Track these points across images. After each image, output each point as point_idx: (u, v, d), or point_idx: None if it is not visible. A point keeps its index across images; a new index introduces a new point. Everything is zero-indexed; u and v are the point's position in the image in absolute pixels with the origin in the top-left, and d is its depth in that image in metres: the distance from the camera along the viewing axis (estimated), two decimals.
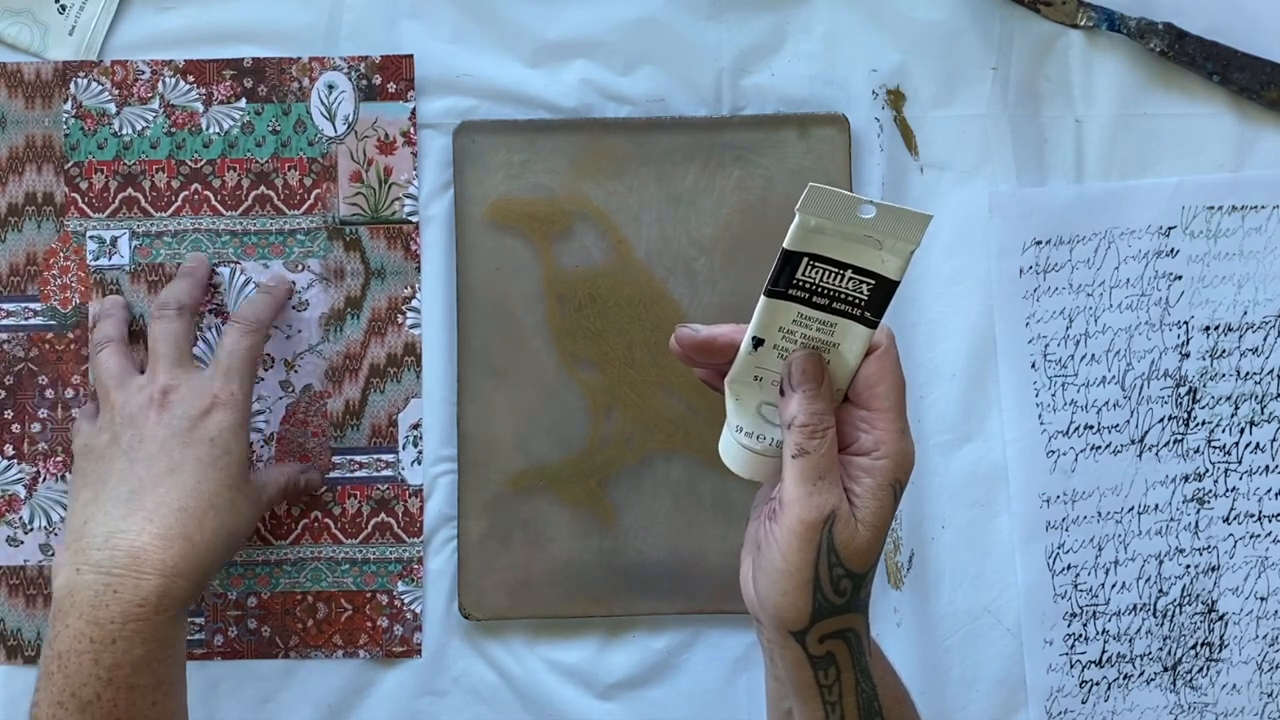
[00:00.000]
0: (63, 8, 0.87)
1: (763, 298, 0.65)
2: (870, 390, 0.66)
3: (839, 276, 0.64)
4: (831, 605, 0.65)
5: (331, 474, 0.87)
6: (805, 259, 0.64)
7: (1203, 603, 0.87)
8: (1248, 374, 0.87)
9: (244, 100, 0.87)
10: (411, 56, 0.88)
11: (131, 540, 0.73)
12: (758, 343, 0.66)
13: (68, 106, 0.87)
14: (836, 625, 0.65)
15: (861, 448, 0.66)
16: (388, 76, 0.87)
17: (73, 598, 0.73)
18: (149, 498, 0.75)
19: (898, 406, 0.66)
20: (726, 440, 0.69)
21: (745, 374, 0.67)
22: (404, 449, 0.87)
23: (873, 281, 0.64)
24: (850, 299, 0.65)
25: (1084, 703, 0.87)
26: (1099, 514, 0.87)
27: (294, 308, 0.87)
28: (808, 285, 0.64)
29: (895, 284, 0.64)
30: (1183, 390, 0.87)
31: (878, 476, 0.65)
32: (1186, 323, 0.87)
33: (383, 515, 0.87)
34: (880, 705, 0.68)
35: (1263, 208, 0.88)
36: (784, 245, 0.64)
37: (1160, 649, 0.87)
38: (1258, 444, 0.87)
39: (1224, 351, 0.87)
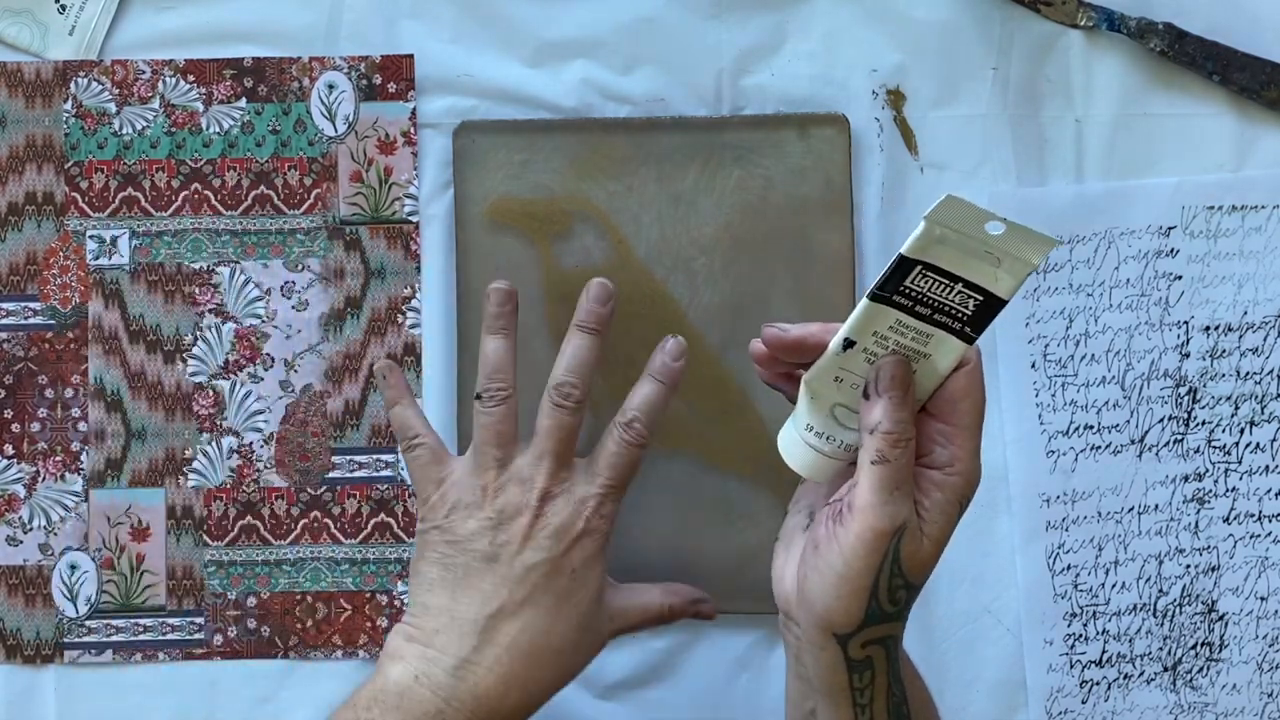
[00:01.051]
0: (63, 8, 0.87)
1: (865, 300, 0.64)
2: (954, 405, 0.65)
3: (948, 289, 0.63)
4: (883, 613, 0.64)
5: (331, 474, 0.87)
6: (919, 267, 0.63)
7: (1203, 603, 0.87)
8: (1248, 374, 0.87)
9: (244, 100, 0.87)
10: (411, 56, 0.88)
11: (477, 681, 0.73)
12: (848, 344, 0.64)
13: (68, 106, 0.87)
14: (881, 633, 0.65)
15: (935, 461, 0.65)
16: (388, 76, 0.87)
17: (401, 700, 0.72)
18: (503, 631, 0.73)
19: (976, 425, 0.65)
20: (790, 437, 0.68)
21: (827, 374, 0.66)
22: None
23: (981, 298, 0.63)
24: (954, 312, 0.64)
25: (1084, 703, 0.87)
26: (1099, 514, 0.87)
27: (294, 308, 0.87)
28: (914, 294, 0.63)
29: (1004, 303, 0.63)
30: (1183, 390, 0.87)
31: (949, 492, 0.64)
32: (1186, 323, 0.87)
33: (382, 515, 0.87)
34: (909, 709, 0.68)
35: (1263, 208, 0.88)
36: (901, 251, 0.63)
37: (1160, 649, 0.87)
38: (1258, 444, 0.87)
39: (1224, 351, 0.87)
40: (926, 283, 0.63)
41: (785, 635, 0.69)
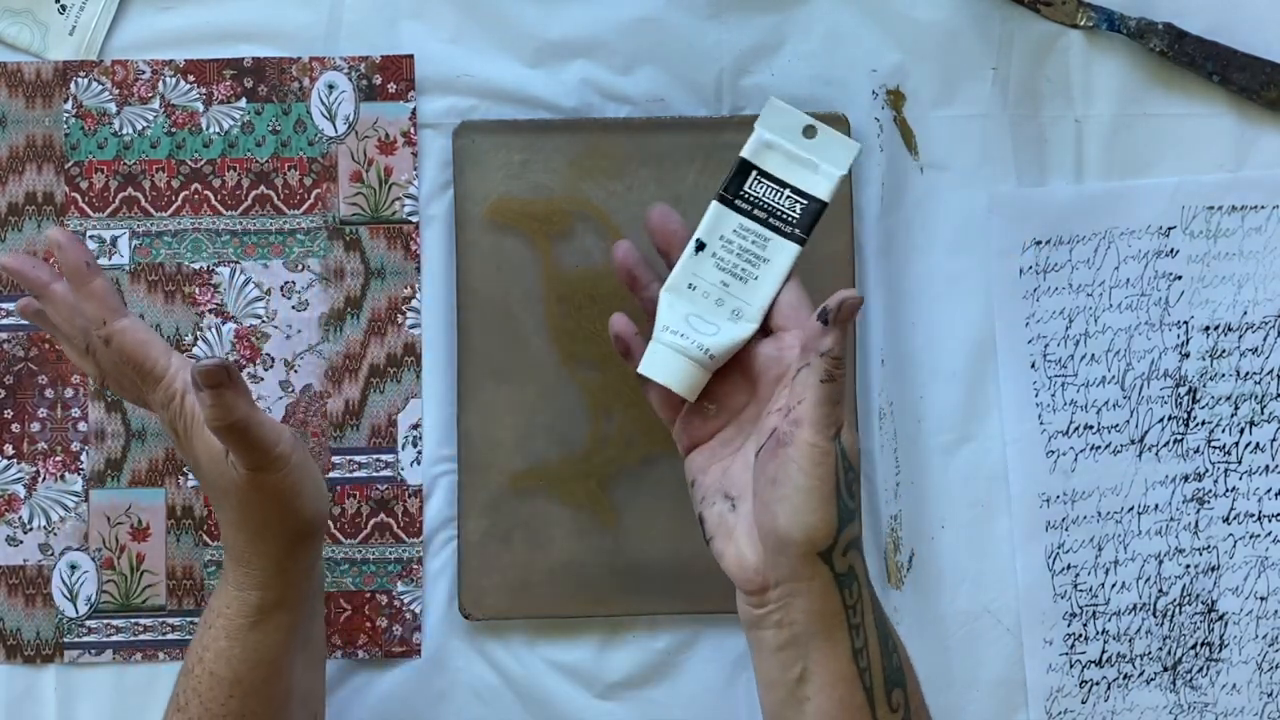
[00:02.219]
0: (63, 8, 0.87)
1: (714, 202, 0.74)
2: (796, 312, 0.73)
3: (778, 193, 0.74)
4: (849, 510, 0.70)
5: (331, 474, 0.87)
6: (754, 172, 0.74)
7: (1203, 603, 0.87)
8: (1248, 374, 0.87)
9: (244, 100, 0.87)
10: (412, 56, 0.88)
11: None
12: (700, 246, 0.74)
13: (68, 106, 0.87)
14: (852, 533, 0.70)
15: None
16: (388, 76, 0.87)
17: None
18: None
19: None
20: (651, 353, 0.74)
21: (682, 280, 0.74)
22: (403, 449, 0.87)
23: (805, 201, 0.74)
24: (785, 216, 0.74)
25: (1084, 703, 0.87)
26: (1099, 514, 0.87)
27: (294, 308, 0.87)
28: (751, 199, 0.74)
29: (824, 205, 0.74)
30: (1183, 390, 0.87)
31: (833, 384, 0.71)
32: (1186, 323, 0.87)
33: (382, 515, 0.87)
34: (890, 626, 0.72)
35: (1262, 208, 0.88)
36: (741, 154, 0.74)
37: (1160, 649, 0.87)
38: (1258, 444, 0.87)
39: (1224, 351, 0.87)
40: (761, 188, 0.74)
41: (758, 614, 0.71)
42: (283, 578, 0.74)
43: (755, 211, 0.74)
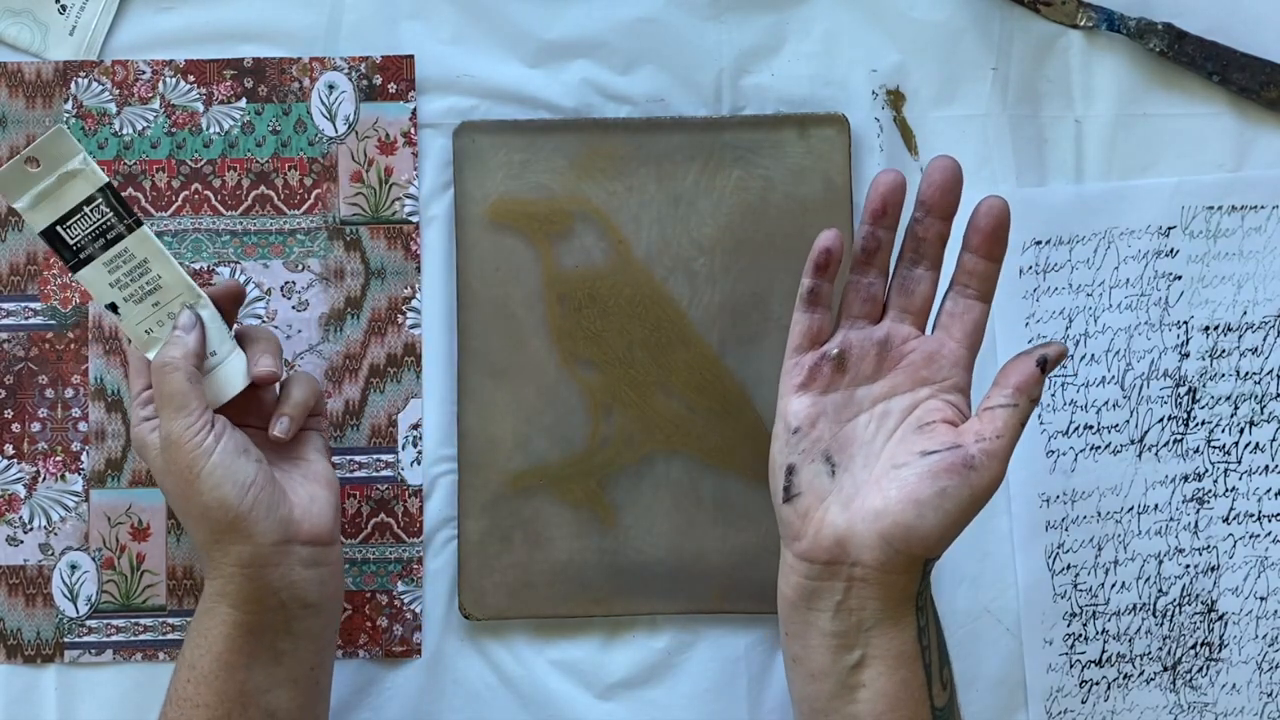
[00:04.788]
0: (63, 8, 0.87)
1: (77, 275, 0.75)
2: (958, 323, 0.76)
3: (84, 217, 0.74)
4: None
5: None
6: (56, 228, 0.74)
7: (1202, 603, 0.87)
8: (1247, 374, 0.87)
9: (244, 100, 0.87)
10: (412, 57, 0.88)
11: None
12: (113, 307, 0.75)
13: (68, 106, 0.87)
14: None
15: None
16: (388, 77, 0.87)
17: None
18: None
19: None
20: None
21: (139, 329, 0.75)
22: (404, 449, 0.87)
23: (98, 197, 0.74)
24: (109, 223, 0.74)
25: (1084, 703, 0.87)
26: (1099, 514, 0.87)
27: (294, 308, 0.87)
28: (83, 241, 0.74)
29: (107, 183, 0.74)
30: (1182, 390, 0.87)
31: None
32: (1186, 323, 0.87)
33: (382, 515, 0.87)
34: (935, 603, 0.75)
35: (1262, 208, 0.88)
36: (37, 233, 0.74)
37: (1160, 649, 0.87)
38: (1257, 444, 0.87)
39: (1224, 351, 0.87)
40: (76, 230, 0.74)
41: (813, 586, 0.73)
42: (217, 570, 0.75)
43: (98, 243, 0.74)
